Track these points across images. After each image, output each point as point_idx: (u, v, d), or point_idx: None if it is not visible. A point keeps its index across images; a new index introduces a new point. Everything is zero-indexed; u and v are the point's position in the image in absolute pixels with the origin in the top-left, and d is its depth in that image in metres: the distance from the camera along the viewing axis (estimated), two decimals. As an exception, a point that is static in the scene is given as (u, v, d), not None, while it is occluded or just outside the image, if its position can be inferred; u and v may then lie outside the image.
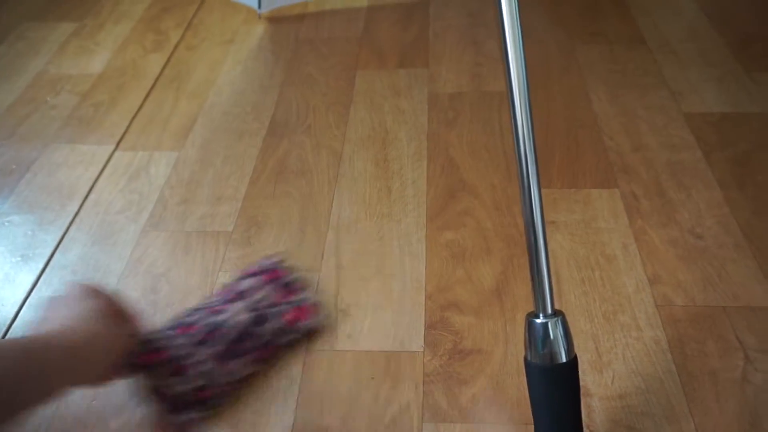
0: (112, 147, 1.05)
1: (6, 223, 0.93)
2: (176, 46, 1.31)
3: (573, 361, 0.55)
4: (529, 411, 0.60)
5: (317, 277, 0.81)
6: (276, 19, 1.37)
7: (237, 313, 0.70)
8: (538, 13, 1.30)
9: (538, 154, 0.55)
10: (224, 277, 0.82)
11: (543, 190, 0.90)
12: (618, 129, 1.00)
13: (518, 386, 0.69)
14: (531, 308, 0.57)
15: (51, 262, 0.86)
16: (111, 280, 0.83)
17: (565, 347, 0.55)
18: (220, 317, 0.69)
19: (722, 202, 0.86)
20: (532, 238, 0.56)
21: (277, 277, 0.76)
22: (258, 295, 0.73)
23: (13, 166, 1.02)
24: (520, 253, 0.81)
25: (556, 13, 1.30)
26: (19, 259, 0.87)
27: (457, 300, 0.78)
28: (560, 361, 0.55)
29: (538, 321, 0.56)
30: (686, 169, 0.91)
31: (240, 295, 0.73)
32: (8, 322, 0.80)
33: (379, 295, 0.79)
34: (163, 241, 0.88)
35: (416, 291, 0.79)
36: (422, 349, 0.73)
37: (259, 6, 1.33)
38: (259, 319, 0.71)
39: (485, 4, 1.34)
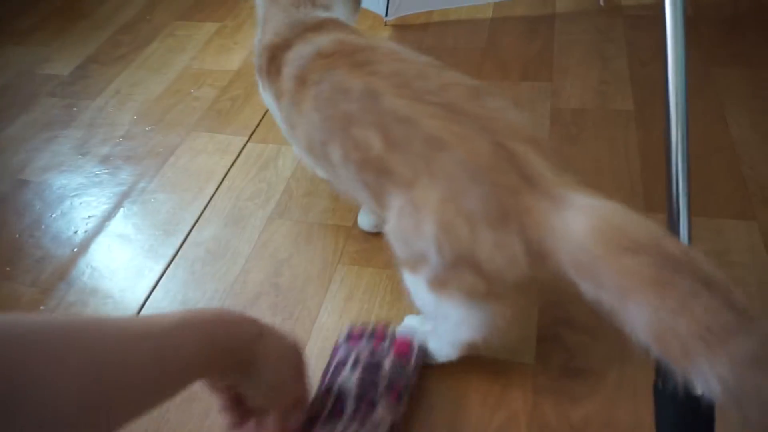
0: (246, 138, 1.13)
1: (152, 200, 1.02)
2: (306, 49, 1.39)
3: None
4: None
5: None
6: (401, 27, 1.41)
7: (350, 374, 0.68)
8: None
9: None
10: (342, 271, 0.86)
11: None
12: (760, 158, 0.94)
13: (630, 412, 0.66)
14: None
15: (188, 239, 0.94)
16: (239, 261, 0.89)
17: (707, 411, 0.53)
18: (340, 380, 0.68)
19: None
20: None
21: (361, 334, 0.73)
22: (355, 352, 0.71)
23: (160, 150, 1.13)
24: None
25: (692, 32, 1.24)
26: (161, 233, 0.96)
27: (571, 317, 0.76)
28: (696, 394, 0.52)
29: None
30: None
31: (343, 361, 0.70)
32: (149, 290, 0.88)
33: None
34: (287, 229, 0.93)
35: (530, 304, 0.78)
36: (533, 362, 0.72)
37: (386, 13, 1.38)
38: (371, 368, 0.68)
39: (614, 20, 1.30)
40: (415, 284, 0.61)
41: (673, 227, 0.56)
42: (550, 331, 0.75)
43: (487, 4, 1.41)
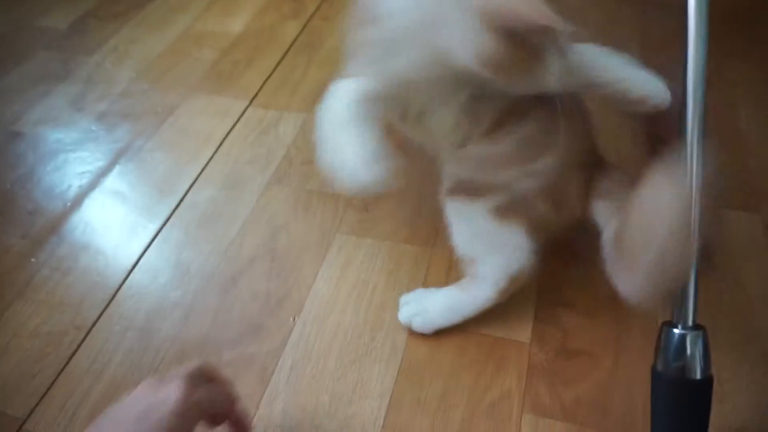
0: (246, 102, 1.11)
1: (149, 159, 1.00)
2: (312, 16, 1.36)
3: (708, 381, 0.52)
4: (635, 423, 0.58)
5: (430, 252, 0.82)
6: None
7: None
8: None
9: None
10: (340, 240, 0.84)
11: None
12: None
13: (624, 397, 0.66)
14: (650, 317, 0.55)
15: (184, 200, 0.93)
16: (236, 224, 0.88)
17: (702, 364, 0.53)
18: None
19: None
20: None
21: None
22: None
23: (159, 109, 1.10)
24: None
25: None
26: (157, 192, 0.94)
27: (570, 299, 0.76)
28: (695, 377, 0.52)
29: (677, 331, 0.53)
30: None
31: None
32: (143, 249, 0.86)
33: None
34: (285, 195, 0.92)
35: (530, 284, 0.77)
36: (529, 341, 0.72)
37: (396, -15, 1.35)
38: None
39: (622, 7, 1.28)
40: (470, 212, 0.67)
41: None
42: (548, 312, 0.75)
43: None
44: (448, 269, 0.80)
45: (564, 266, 0.79)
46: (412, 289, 0.77)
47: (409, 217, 0.87)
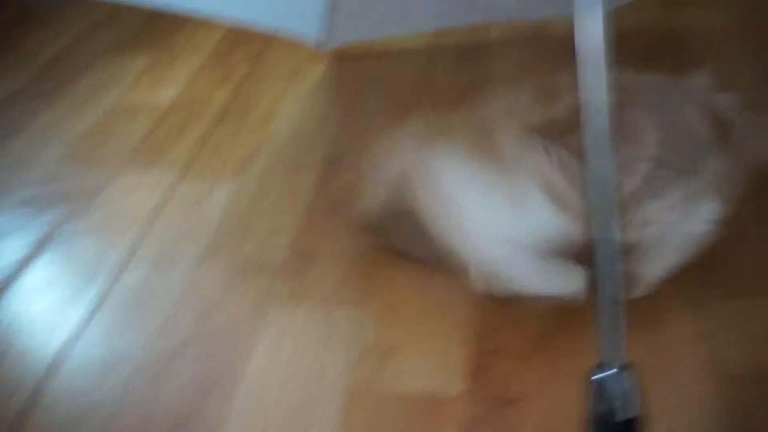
0: (177, 176, 1.10)
1: (77, 243, 0.98)
2: (243, 80, 1.38)
3: (635, 421, 0.53)
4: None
5: (363, 314, 0.82)
6: (340, 57, 1.42)
7: None
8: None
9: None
10: (276, 309, 0.84)
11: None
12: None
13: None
14: (583, 354, 0.56)
15: (114, 284, 0.91)
16: (167, 305, 0.86)
17: (629, 404, 0.54)
18: None
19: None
20: (604, 280, 0.55)
21: None
22: None
23: (88, 189, 1.09)
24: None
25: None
26: (85, 278, 0.92)
27: (504, 345, 0.76)
28: (622, 418, 0.53)
29: (603, 373, 0.54)
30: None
31: None
32: (72, 339, 0.84)
33: (424, 338, 0.78)
34: (220, 269, 0.91)
35: (462, 334, 0.78)
36: (463, 394, 0.72)
37: (324, 43, 1.38)
38: None
39: (544, 47, 1.34)
40: None
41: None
42: (483, 361, 0.75)
43: (424, 34, 1.43)
44: (383, 325, 0.80)
45: (497, 307, 0.80)
46: (352, 351, 0.76)
47: (343, 279, 0.87)
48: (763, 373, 0.69)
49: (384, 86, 1.29)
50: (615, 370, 0.55)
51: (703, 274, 0.80)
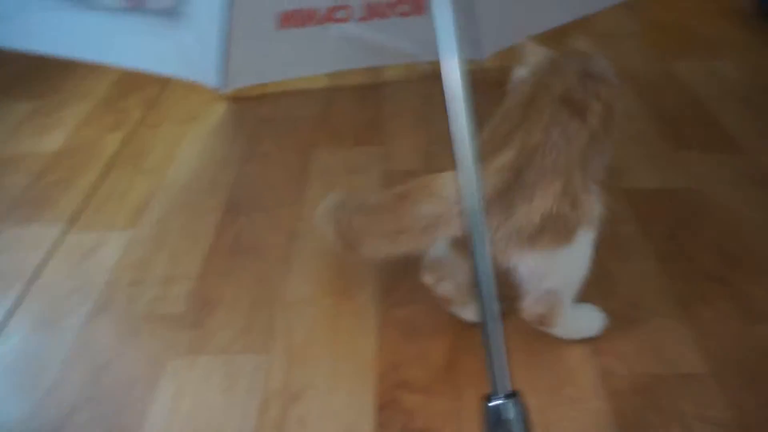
0: (64, 228, 1.04)
1: (-53, 309, 0.90)
2: (137, 125, 1.34)
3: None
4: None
5: (267, 359, 0.81)
6: (237, 99, 1.42)
7: None
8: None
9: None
10: (173, 364, 0.80)
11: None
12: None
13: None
14: (484, 383, 0.58)
15: (-9, 350, 0.83)
16: (52, 371, 0.80)
17: (522, 429, 0.56)
18: None
19: (658, 272, 0.90)
20: (486, 318, 0.58)
21: None
22: None
23: (-40, 249, 1.00)
24: (473, 327, 0.83)
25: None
26: (-43, 346, 0.84)
27: (410, 378, 0.78)
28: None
29: (494, 404, 0.57)
30: (624, 242, 0.96)
31: None
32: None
33: (331, 377, 0.78)
34: (110, 325, 0.86)
35: (368, 371, 0.79)
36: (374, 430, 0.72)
37: (221, 86, 1.38)
38: None
39: (436, 87, 1.41)
40: (587, 243, 0.72)
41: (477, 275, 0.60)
42: (389, 396, 0.76)
43: (322, 75, 1.47)
44: (286, 375, 0.79)
45: (403, 342, 0.82)
46: (256, 398, 0.75)
47: (245, 325, 0.86)
48: (644, 384, 0.75)
49: (283, 127, 1.30)
50: (503, 398, 0.57)
51: (586, 290, 0.86)
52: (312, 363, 0.80)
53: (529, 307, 0.76)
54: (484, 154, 0.65)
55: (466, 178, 0.59)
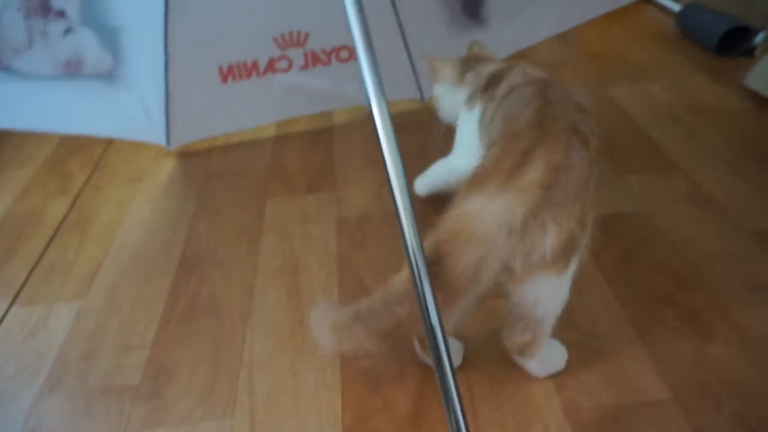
0: (7, 303, 1.00)
1: None
2: (82, 189, 1.31)
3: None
4: None
5: (230, 425, 0.78)
6: (185, 154, 1.40)
7: None
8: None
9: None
10: (130, 438, 0.77)
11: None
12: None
13: None
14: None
15: (-69, 445, 0.78)
16: (0, 459, 0.76)
17: None
18: None
19: (612, 299, 0.92)
20: (440, 371, 0.59)
21: None
22: None
23: None
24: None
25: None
26: None
27: (376, 431, 0.76)
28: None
29: None
30: (578, 271, 0.97)
31: None
32: None
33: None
34: (61, 404, 0.82)
35: (333, 427, 0.77)
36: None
37: (168, 142, 1.36)
38: None
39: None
40: (567, 279, 0.72)
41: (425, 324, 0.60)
42: (363, 427, 0.74)
43: (269, 124, 1.47)
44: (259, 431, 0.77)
45: (367, 392, 0.81)
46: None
47: (204, 390, 0.83)
48: (609, 415, 0.76)
49: (234, 179, 1.29)
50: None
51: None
52: (276, 424, 0.78)
53: (516, 335, 0.77)
54: (500, 168, 0.66)
55: (405, 220, 0.60)
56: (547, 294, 0.72)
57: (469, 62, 1.04)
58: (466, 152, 0.95)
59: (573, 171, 0.67)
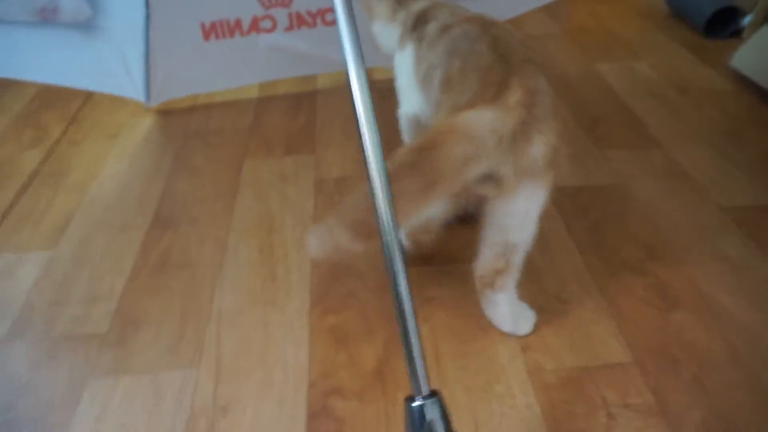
0: (-24, 250, 0.99)
1: None
2: (57, 142, 1.28)
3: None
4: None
5: (195, 374, 0.78)
6: (165, 112, 1.38)
7: None
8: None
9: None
10: (93, 386, 0.77)
11: (424, 267, 0.93)
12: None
13: (401, 470, 0.68)
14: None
15: None
16: (-38, 399, 0.75)
17: (443, 428, 0.56)
18: None
19: (582, 267, 0.93)
20: (403, 323, 0.59)
21: None
22: None
23: None
24: (402, 332, 0.83)
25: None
26: None
27: (341, 385, 0.77)
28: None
29: (415, 404, 0.57)
30: (550, 239, 0.98)
31: None
32: None
33: (261, 388, 0.77)
34: (26, 350, 0.82)
35: (299, 380, 0.78)
36: (304, 442, 0.71)
37: (148, 99, 1.34)
38: None
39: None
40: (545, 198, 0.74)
41: (392, 286, 0.60)
42: (320, 404, 0.75)
43: (253, 85, 1.45)
44: (214, 387, 0.77)
45: (334, 348, 0.81)
46: (182, 414, 0.72)
47: (172, 341, 0.83)
48: (571, 377, 0.77)
49: (213, 139, 1.28)
50: (423, 398, 0.58)
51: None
52: (242, 375, 0.78)
53: (489, 261, 0.78)
54: (484, 98, 0.70)
55: (378, 192, 0.59)
56: (527, 208, 0.75)
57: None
58: (409, 96, 0.94)
59: (545, 94, 0.72)
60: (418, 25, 0.92)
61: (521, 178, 0.70)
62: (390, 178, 0.62)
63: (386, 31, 1.01)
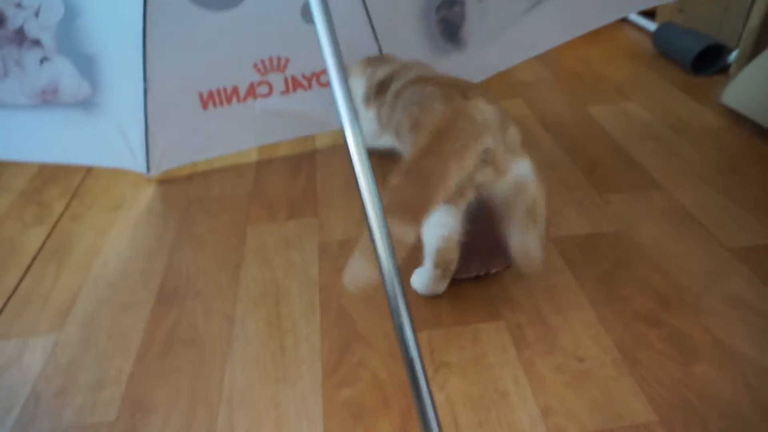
0: (-19, 338, 0.97)
1: None
2: (60, 217, 1.29)
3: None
4: None
5: (209, 462, 0.76)
6: (166, 181, 1.39)
7: None
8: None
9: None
10: (104, 478, 0.75)
11: (433, 330, 0.92)
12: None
13: None
14: None
15: None
16: (-32, 504, 0.73)
17: None
18: None
19: (596, 321, 0.91)
20: (419, 399, 0.58)
21: None
22: None
23: None
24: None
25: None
26: None
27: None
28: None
29: None
30: (561, 294, 0.97)
31: None
32: None
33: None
34: (34, 444, 0.80)
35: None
36: None
37: (148, 169, 1.35)
38: None
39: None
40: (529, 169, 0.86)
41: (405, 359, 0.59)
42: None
43: (252, 149, 1.47)
44: None
45: (350, 422, 0.79)
46: None
47: (183, 426, 0.81)
48: (567, 381, 0.75)
49: (214, 206, 1.28)
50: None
51: (532, 342, 0.86)
52: (256, 459, 0.76)
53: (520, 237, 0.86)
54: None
55: (380, 246, 0.61)
56: (524, 173, 0.85)
57: (373, 61, 1.24)
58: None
59: (500, 107, 0.87)
60: (381, 89, 1.13)
61: (509, 156, 0.84)
62: (432, 142, 0.77)
63: (358, 88, 1.21)
